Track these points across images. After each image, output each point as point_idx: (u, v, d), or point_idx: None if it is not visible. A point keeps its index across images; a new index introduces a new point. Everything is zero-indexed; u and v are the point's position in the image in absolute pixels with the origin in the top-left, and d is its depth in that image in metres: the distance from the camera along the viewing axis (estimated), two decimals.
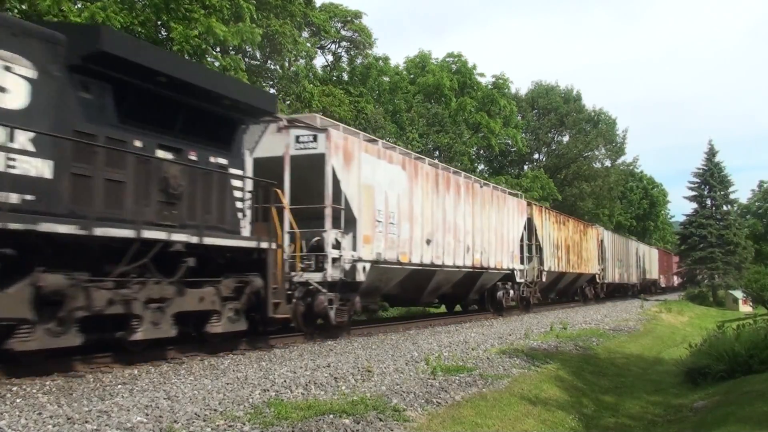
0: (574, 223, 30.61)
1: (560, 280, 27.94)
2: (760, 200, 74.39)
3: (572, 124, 51.61)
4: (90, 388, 7.24)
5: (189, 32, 15.79)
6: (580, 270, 30.13)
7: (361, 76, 33.44)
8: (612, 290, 39.19)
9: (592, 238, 32.95)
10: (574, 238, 29.41)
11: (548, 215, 26.11)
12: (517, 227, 22.42)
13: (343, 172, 12.92)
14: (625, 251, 41.00)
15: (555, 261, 25.96)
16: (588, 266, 31.66)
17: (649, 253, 51.62)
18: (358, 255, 13.08)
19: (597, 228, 34.94)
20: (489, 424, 7.48)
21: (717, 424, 7.81)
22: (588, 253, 31.76)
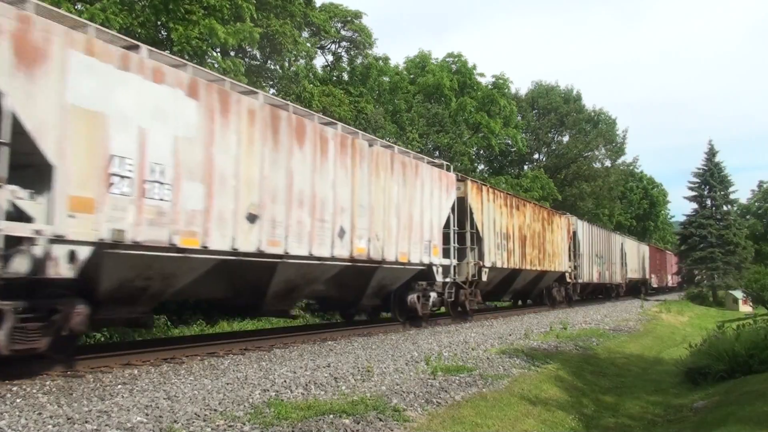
0: (535, 209, 24.81)
1: (513, 280, 22.46)
2: (760, 200, 74.33)
3: (572, 124, 51.62)
4: (90, 388, 7.24)
5: (189, 33, 15.79)
6: (542, 267, 24.42)
7: (361, 76, 33.43)
8: (590, 291, 34.81)
9: (561, 228, 27.42)
10: (534, 227, 23.95)
11: (493, 196, 20.11)
12: (438, 208, 16.14)
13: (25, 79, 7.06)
14: (607, 246, 35.68)
15: (503, 255, 20.43)
16: (554, 263, 25.96)
17: (638, 249, 46.34)
18: (54, 231, 7.32)
19: (568, 217, 29.25)
20: (489, 424, 7.48)
21: (717, 424, 7.81)
22: (555, 247, 26.16)
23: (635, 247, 45.41)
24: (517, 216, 22.09)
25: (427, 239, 15.48)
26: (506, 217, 21.08)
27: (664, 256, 58.65)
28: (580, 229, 30.60)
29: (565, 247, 27.78)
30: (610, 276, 36.23)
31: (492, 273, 19.75)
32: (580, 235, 30.36)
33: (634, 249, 44.49)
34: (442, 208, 16.47)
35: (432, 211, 15.84)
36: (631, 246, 43.84)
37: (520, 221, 22.42)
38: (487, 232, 19.26)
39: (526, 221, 23.07)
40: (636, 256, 44.67)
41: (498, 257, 20.06)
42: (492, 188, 20.87)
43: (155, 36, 17.09)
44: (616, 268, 37.90)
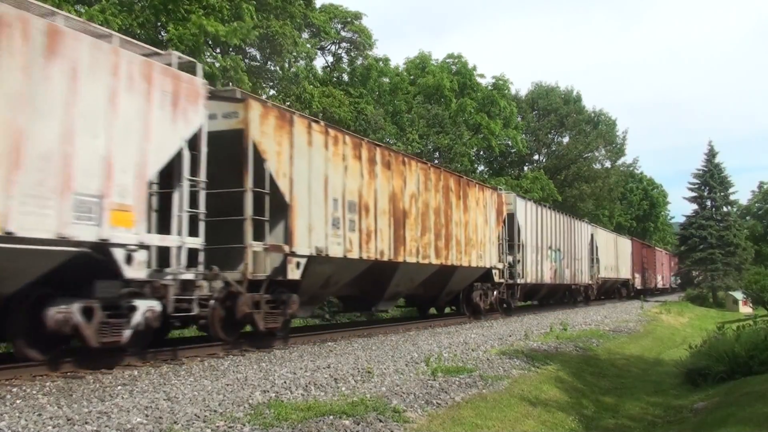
0: (433, 174, 16.71)
1: (386, 278, 14.84)
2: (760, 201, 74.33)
3: (572, 125, 51.62)
4: (90, 389, 7.24)
5: (182, 31, 15.80)
6: (446, 260, 16.92)
7: (361, 77, 33.45)
8: (545, 295, 27.80)
9: (485, 206, 19.76)
10: (429, 200, 16.25)
11: (324, 138, 12.38)
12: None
13: None
14: (569, 237, 28.25)
15: (345, 237, 12.75)
16: (472, 255, 18.51)
17: (616, 243, 38.96)
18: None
19: (500, 193, 21.62)
20: (489, 425, 7.48)
21: (717, 425, 7.81)
22: (473, 233, 18.68)
23: (612, 241, 38.24)
24: (386, 178, 14.35)
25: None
26: (356, 176, 13.25)
27: (652, 254, 51.95)
28: (522, 210, 22.75)
29: (492, 234, 20.11)
30: (573, 275, 28.62)
31: (319, 266, 12.03)
32: (522, 219, 22.53)
33: (610, 242, 37.36)
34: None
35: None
36: (606, 239, 36.54)
37: (395, 187, 14.72)
38: (299, 193, 11.44)
39: (408, 189, 15.26)
40: (613, 252, 37.64)
41: (332, 239, 12.24)
42: (325, 126, 12.40)
43: (155, 37, 17.11)
44: (583, 266, 30.31)
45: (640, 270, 45.60)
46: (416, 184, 15.71)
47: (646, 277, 47.97)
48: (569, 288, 29.52)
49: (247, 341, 11.34)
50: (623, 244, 41.01)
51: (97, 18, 14.40)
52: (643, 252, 47.57)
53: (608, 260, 36.02)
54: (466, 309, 19.79)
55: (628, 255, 42.00)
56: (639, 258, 45.47)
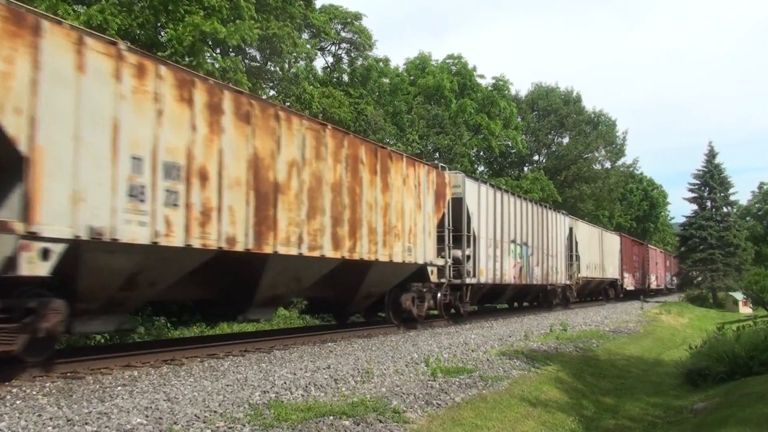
0: (339, 139, 12.76)
1: (252, 277, 11.05)
2: (760, 202, 74.44)
3: (572, 126, 51.63)
4: (90, 390, 7.24)
5: (181, 32, 15.78)
6: (350, 254, 12.85)
7: (362, 78, 33.45)
8: (513, 297, 24.87)
9: (418, 188, 15.61)
10: (321, 171, 12.10)
11: (113, 63, 8.19)
12: None
13: None
14: (540, 230, 24.28)
15: (149, 215, 8.48)
16: (395, 249, 14.42)
17: (601, 239, 34.51)
18: None
19: (440, 172, 17.09)
20: (489, 426, 7.48)
21: (717, 425, 7.80)
22: (400, 221, 14.69)
23: (596, 236, 33.86)
24: (242, 136, 10.22)
25: None
26: (183, 127, 9.16)
27: (645, 251, 48.05)
28: (474, 195, 18.48)
29: (428, 222, 15.93)
30: (546, 274, 24.81)
31: (105, 257, 8.19)
32: (474, 205, 18.37)
33: (594, 238, 33.10)
34: None
35: None
36: (589, 233, 32.43)
37: (260, 150, 10.55)
38: (53, 141, 7.47)
39: (284, 154, 11.06)
40: (597, 248, 33.44)
41: (126, 216, 8.21)
42: (118, 47, 8.37)
43: (154, 37, 17.10)
44: (558, 264, 26.39)
45: (630, 269, 41.76)
46: (300, 150, 11.39)
47: (638, 277, 44.28)
48: (544, 289, 25.85)
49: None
50: (610, 241, 37.07)
51: (95, 18, 14.38)
52: (634, 249, 43.90)
53: (591, 258, 32.02)
54: (393, 316, 15.47)
55: (616, 252, 38.20)
56: (629, 256, 41.60)
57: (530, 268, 23.15)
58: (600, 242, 34.23)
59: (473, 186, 18.77)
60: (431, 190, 16.23)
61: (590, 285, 32.83)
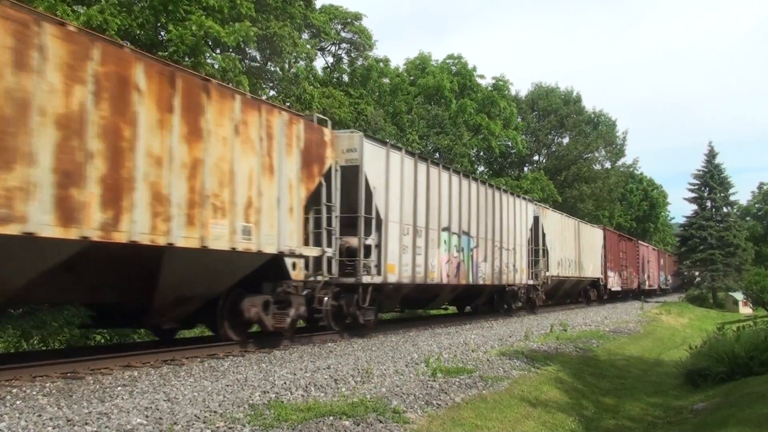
0: (83, 47, 7.64)
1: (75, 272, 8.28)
2: (760, 202, 74.53)
3: (572, 126, 51.65)
4: (90, 390, 7.24)
5: (183, 31, 15.78)
6: (106, 233, 7.87)
7: (362, 78, 33.46)
8: (455, 300, 20.57)
9: (266, 141, 10.79)
10: (32, 90, 7.02)
11: None
12: None
13: None
14: (492, 218, 19.88)
15: None
16: (215, 228, 9.59)
17: (577, 232, 29.47)
18: None
19: (312, 125, 12.42)
20: (489, 426, 7.48)
21: (717, 425, 7.81)
22: (227, 186, 9.88)
23: (572, 228, 28.89)
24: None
25: None
26: None
27: (634, 248, 43.15)
28: (379, 163, 13.92)
29: (287, 194, 11.26)
30: (500, 272, 20.25)
31: None
32: (378, 177, 13.76)
33: (568, 230, 28.27)
34: None
35: None
36: (562, 225, 27.28)
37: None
38: None
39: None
40: (572, 243, 28.63)
41: None
42: None
43: (154, 37, 17.11)
44: (518, 260, 21.87)
45: (616, 267, 37.02)
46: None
47: (626, 276, 39.59)
48: (500, 291, 21.40)
49: None
50: (590, 235, 32.38)
51: (95, 19, 14.38)
52: (621, 246, 39.26)
53: (565, 253, 27.26)
54: (231, 330, 10.91)
55: (599, 248, 33.62)
56: (615, 253, 37.10)
57: (474, 265, 18.50)
58: (576, 235, 29.41)
59: (377, 152, 13.88)
60: (295, 149, 11.40)
61: (564, 285, 28.23)
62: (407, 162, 15.12)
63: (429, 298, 18.10)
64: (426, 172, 15.95)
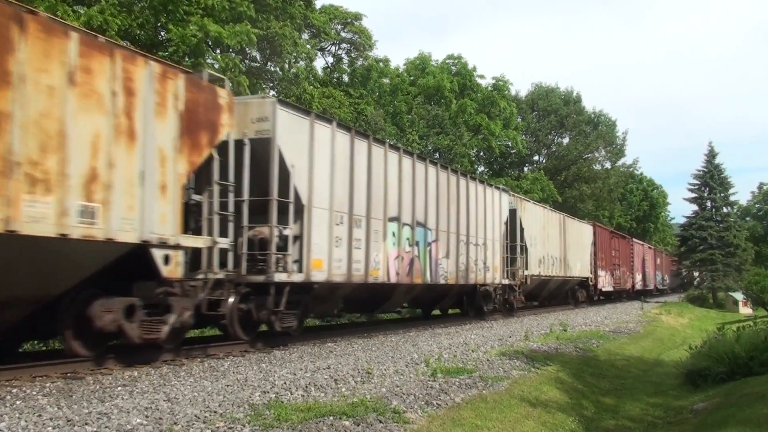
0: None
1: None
2: (760, 202, 74.56)
3: (572, 126, 51.66)
4: (90, 390, 7.24)
5: (184, 32, 15.79)
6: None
7: (362, 78, 33.47)
8: (413, 301, 18.11)
9: (120, 95, 8.15)
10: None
11: None
12: None
13: None
14: (453, 207, 17.29)
15: None
16: (17, 203, 6.84)
17: (562, 227, 27.02)
18: None
19: (196, 81, 9.60)
20: (489, 426, 7.48)
21: (717, 426, 7.81)
22: (54, 154, 7.27)
23: (556, 223, 26.33)
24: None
25: None
26: None
27: (628, 246, 41.04)
28: (302, 136, 11.68)
29: (156, 167, 8.79)
30: (466, 270, 17.84)
31: None
32: (298, 152, 11.53)
33: (552, 225, 25.65)
34: None
35: None
36: (542, 218, 24.79)
37: None
38: None
39: None
40: (557, 239, 26.19)
41: None
42: None
43: (154, 37, 17.12)
44: (489, 256, 19.31)
45: (607, 266, 34.53)
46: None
47: (619, 275, 37.10)
48: (469, 291, 18.87)
49: None
50: (578, 231, 29.75)
51: (96, 19, 14.39)
52: (613, 243, 36.41)
53: (548, 250, 24.76)
54: (76, 343, 8.46)
55: (588, 246, 31.09)
56: (607, 251, 34.42)
57: (433, 261, 15.97)
58: (561, 231, 26.87)
59: (298, 123, 11.49)
60: (171, 111, 8.99)
61: (549, 286, 25.94)
62: (340, 138, 12.61)
63: (378, 301, 15.37)
64: (367, 151, 13.43)
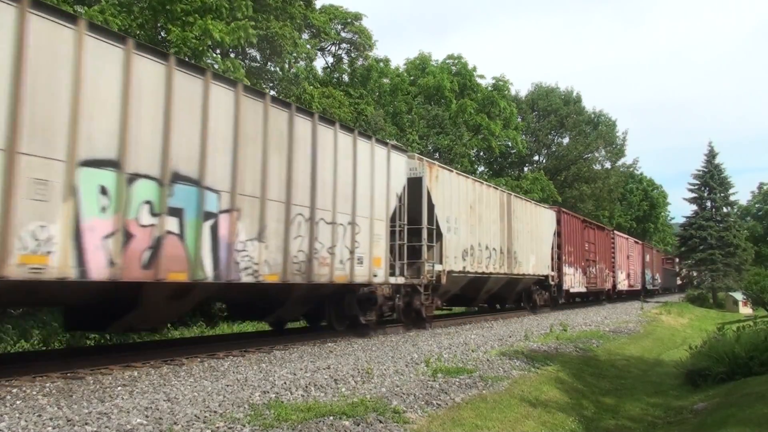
0: None
1: None
2: (760, 202, 74.55)
3: (572, 126, 51.65)
4: (90, 390, 7.24)
5: (186, 34, 15.78)
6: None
7: (362, 78, 33.47)
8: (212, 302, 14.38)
9: None
10: None
11: None
12: None
13: None
14: (273, 155, 10.64)
15: None
16: None
17: (507, 209, 20.83)
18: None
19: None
20: (489, 426, 7.48)
21: (717, 425, 7.80)
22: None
23: (495, 203, 19.98)
24: None
25: None
26: None
27: (607, 239, 34.78)
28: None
29: None
30: (307, 264, 11.49)
31: None
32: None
33: (489, 204, 19.53)
34: None
35: None
36: (469, 194, 18.24)
37: None
38: None
39: None
40: (497, 223, 20.03)
41: None
42: None
43: (154, 37, 17.11)
44: (362, 242, 13.18)
45: (577, 262, 27.62)
46: None
47: (594, 274, 30.53)
48: (339, 294, 13.33)
49: None
50: (533, 215, 23.06)
51: (96, 18, 14.37)
52: (587, 235, 29.53)
53: (479, 238, 18.59)
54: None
55: (548, 236, 24.49)
56: (577, 243, 27.61)
57: (223, 245, 9.67)
58: (505, 214, 20.49)
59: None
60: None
61: (486, 285, 19.76)
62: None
63: (125, 308, 9.05)
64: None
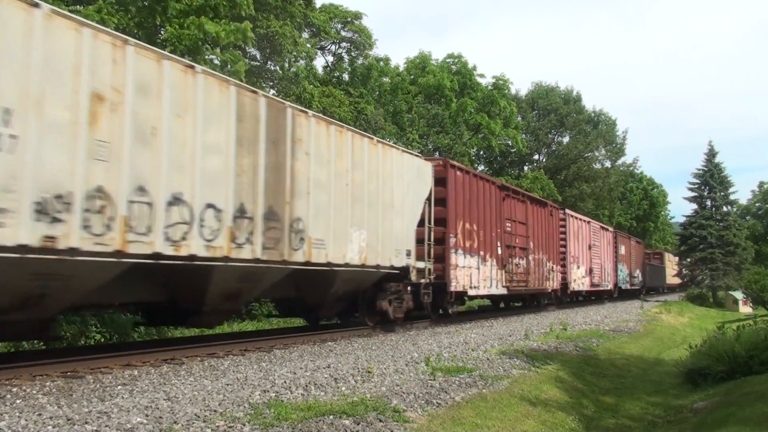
0: None
1: None
2: (760, 201, 74.56)
3: (572, 125, 51.66)
4: (90, 389, 7.23)
5: (182, 32, 15.75)
6: None
7: (362, 77, 33.46)
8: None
9: None
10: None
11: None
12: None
13: None
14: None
15: None
16: None
17: (272, 124, 10.09)
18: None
19: None
20: (489, 425, 7.48)
21: (717, 425, 7.80)
22: None
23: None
24: None
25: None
26: None
27: (552, 221, 25.72)
28: None
29: None
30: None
31: None
32: None
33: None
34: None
35: None
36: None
37: None
38: None
39: None
40: (257, 168, 9.95)
41: None
42: None
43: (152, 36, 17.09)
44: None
45: (488, 249, 19.51)
46: None
47: (524, 268, 22.24)
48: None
49: None
50: (377, 159, 13.30)
51: (93, 18, 14.36)
52: (512, 208, 21.61)
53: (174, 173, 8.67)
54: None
55: (414, 201, 14.82)
56: (488, 219, 19.77)
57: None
58: (271, 140, 10.28)
59: None
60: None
61: (262, 282, 10.77)
62: None
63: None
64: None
